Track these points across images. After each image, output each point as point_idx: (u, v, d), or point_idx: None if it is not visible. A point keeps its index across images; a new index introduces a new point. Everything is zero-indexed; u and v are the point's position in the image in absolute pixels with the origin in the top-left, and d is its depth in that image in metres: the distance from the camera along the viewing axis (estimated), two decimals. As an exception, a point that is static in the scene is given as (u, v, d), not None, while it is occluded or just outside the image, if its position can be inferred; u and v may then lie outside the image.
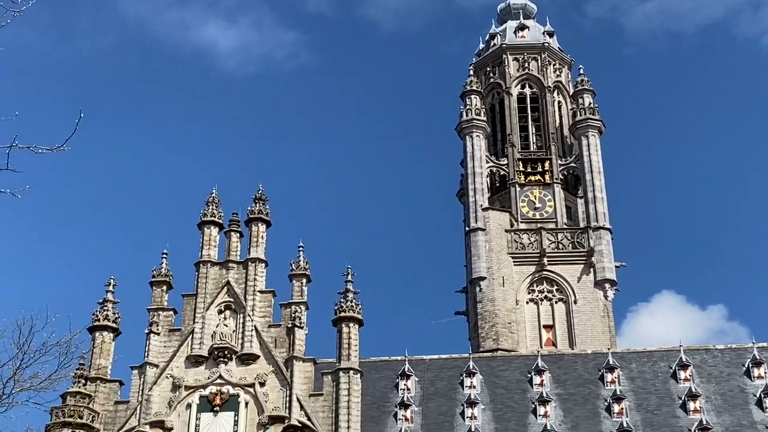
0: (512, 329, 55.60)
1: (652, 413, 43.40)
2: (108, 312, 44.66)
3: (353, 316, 44.01)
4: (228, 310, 45.05)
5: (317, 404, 42.36)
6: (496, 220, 59.00)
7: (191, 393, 42.95)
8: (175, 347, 44.08)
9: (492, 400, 44.55)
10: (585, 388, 44.93)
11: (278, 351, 43.74)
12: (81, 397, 41.47)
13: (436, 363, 46.86)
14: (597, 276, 56.97)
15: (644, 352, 47.39)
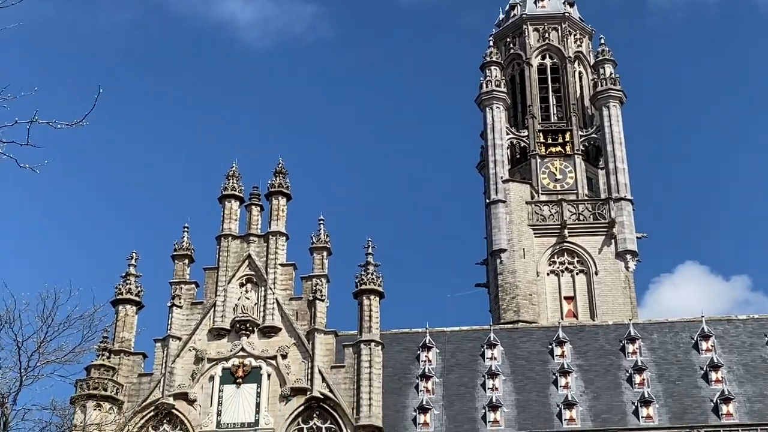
0: (533, 301, 55.60)
1: (673, 384, 43.39)
2: (131, 285, 45.03)
3: (374, 289, 44.17)
4: (249, 283, 45.34)
5: (339, 376, 42.63)
6: (516, 192, 58.85)
7: (214, 365, 43.33)
8: (197, 320, 44.45)
9: (513, 372, 44.66)
10: (606, 359, 44.95)
11: (300, 323, 44.01)
12: (105, 369, 41.92)
13: (457, 335, 46.98)
14: (618, 247, 56.77)
15: (666, 323, 47.31)
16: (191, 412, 42.32)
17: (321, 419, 42.13)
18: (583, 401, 42.69)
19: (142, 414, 42.24)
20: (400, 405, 43.15)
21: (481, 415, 42.40)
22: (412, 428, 41.96)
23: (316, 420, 42.15)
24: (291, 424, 41.93)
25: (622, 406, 42.36)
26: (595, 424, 41.23)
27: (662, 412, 41.82)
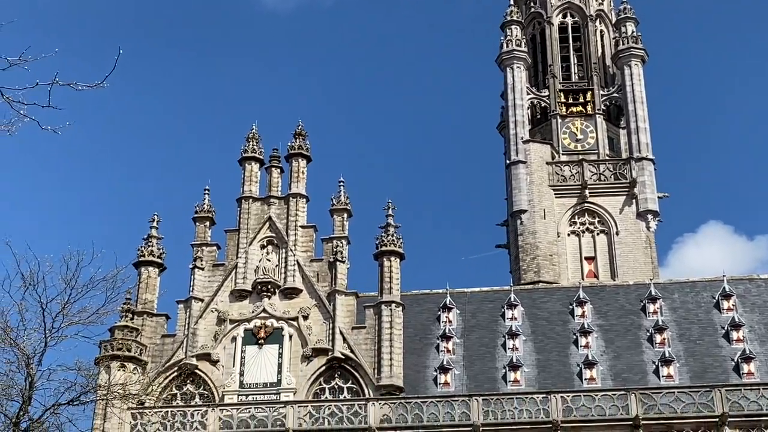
0: (553, 261, 55.55)
1: (694, 343, 43.39)
2: (153, 247, 45.37)
3: (394, 250, 44.30)
4: (270, 245, 45.58)
5: (360, 337, 42.92)
6: (537, 152, 58.60)
7: (236, 326, 43.73)
8: (219, 282, 44.79)
9: (533, 332, 44.77)
10: (627, 319, 44.96)
11: (320, 285, 44.26)
12: (128, 330, 42.39)
13: (478, 295, 47.09)
14: (639, 207, 56.51)
15: (687, 283, 47.18)
16: (214, 372, 42.80)
17: (342, 379, 42.51)
18: (604, 361, 42.79)
19: (165, 374, 42.78)
20: (420, 365, 43.42)
21: (502, 374, 42.61)
22: (432, 388, 42.25)
23: (338, 380, 42.54)
24: (313, 384, 42.35)
25: (643, 366, 42.43)
26: (615, 383, 41.34)
27: (683, 371, 41.87)
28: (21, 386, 28.72)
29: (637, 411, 38.74)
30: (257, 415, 40.67)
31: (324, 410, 40.55)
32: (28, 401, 28.61)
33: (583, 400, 39.61)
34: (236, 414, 40.78)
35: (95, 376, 34.46)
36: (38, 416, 28.78)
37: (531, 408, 39.59)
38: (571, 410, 39.30)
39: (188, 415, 40.95)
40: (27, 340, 28.98)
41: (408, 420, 39.82)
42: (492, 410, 39.68)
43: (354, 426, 39.95)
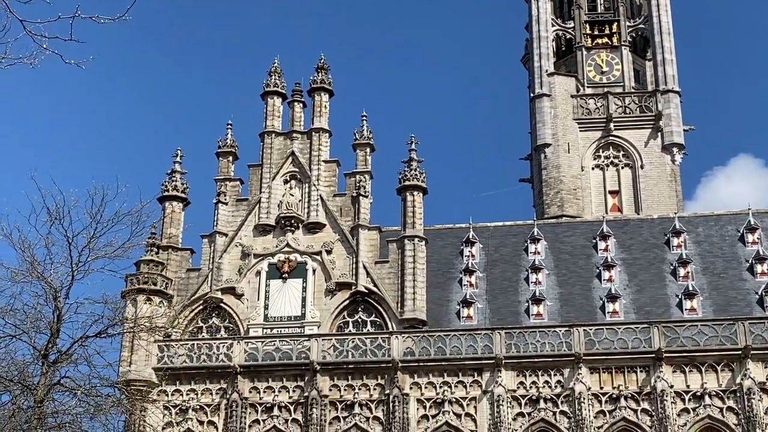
0: (577, 195, 55.32)
1: (718, 276, 43.27)
2: (176, 182, 45.56)
3: (417, 185, 44.25)
4: (293, 180, 45.64)
5: (383, 271, 43.13)
6: (561, 85, 57.98)
7: (260, 261, 44.05)
8: (242, 216, 45.00)
9: (556, 266, 44.79)
10: (650, 253, 44.83)
11: (344, 220, 44.38)
12: (154, 264, 42.79)
13: (501, 230, 47.06)
14: (665, 140, 55.98)
15: (711, 216, 46.87)
16: (239, 305, 43.25)
17: (366, 313, 42.85)
18: (627, 294, 42.82)
19: (191, 308, 43.28)
20: (443, 299, 43.64)
21: (524, 308, 42.77)
22: (455, 321, 42.51)
23: (361, 314, 42.88)
24: (336, 318, 42.72)
25: (666, 299, 42.43)
26: (638, 316, 41.41)
27: (706, 304, 41.85)
28: (49, 319, 29.22)
29: (660, 344, 38.85)
30: (282, 348, 41.15)
31: (348, 343, 40.95)
32: (56, 334, 29.11)
33: (606, 333, 39.74)
34: (261, 347, 41.28)
35: (122, 309, 34.92)
36: (66, 348, 29.35)
37: (553, 341, 39.80)
38: (593, 343, 39.48)
39: (214, 348, 41.52)
40: (54, 274, 29.44)
41: (431, 353, 40.16)
42: (514, 343, 39.93)
43: (377, 359, 40.35)
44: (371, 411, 39.95)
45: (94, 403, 29.58)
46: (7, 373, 28.59)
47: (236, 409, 40.17)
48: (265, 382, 40.91)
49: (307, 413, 39.80)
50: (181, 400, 40.98)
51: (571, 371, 39.22)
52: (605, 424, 38.43)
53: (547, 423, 38.79)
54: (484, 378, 39.74)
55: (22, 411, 28.42)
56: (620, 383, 39.02)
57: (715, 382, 38.55)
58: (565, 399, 38.93)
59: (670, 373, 38.72)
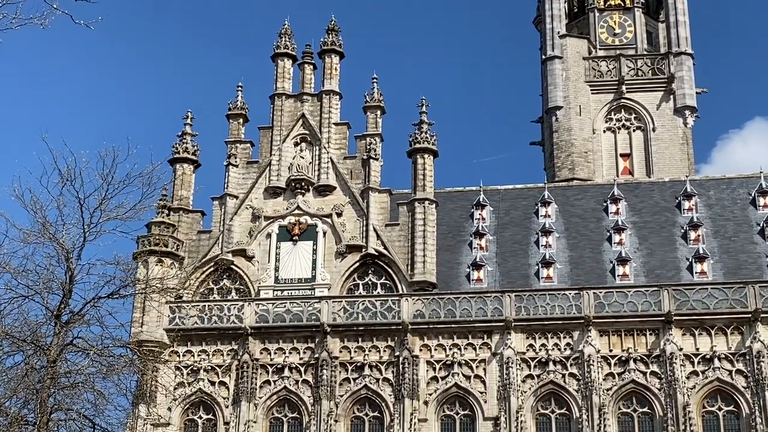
0: (588, 158, 55.11)
1: (729, 240, 43.18)
2: (187, 144, 45.59)
3: (428, 147, 44.17)
4: (304, 143, 45.61)
5: (393, 234, 43.19)
6: (573, 47, 57.52)
7: (270, 223, 44.16)
8: (253, 179, 45.05)
9: (567, 229, 44.76)
10: (661, 216, 44.74)
11: (354, 182, 44.38)
12: (165, 226, 42.96)
13: (511, 193, 47.00)
14: (677, 103, 55.59)
15: (723, 179, 46.68)
16: (250, 267, 43.43)
17: (376, 275, 42.98)
18: (637, 257, 42.80)
19: (202, 269, 43.48)
20: (453, 262, 43.72)
21: (534, 271, 42.82)
22: (465, 284, 42.61)
23: (371, 276, 43.01)
24: (347, 280, 42.87)
25: (676, 262, 42.41)
26: (648, 279, 41.43)
27: (716, 267, 41.81)
28: (61, 280, 29.37)
29: (670, 307, 38.91)
30: (292, 310, 41.38)
31: (358, 305, 41.14)
32: (68, 294, 29.29)
33: (616, 296, 39.81)
34: (272, 308, 41.51)
35: (133, 270, 35.05)
36: (79, 309, 29.53)
37: (563, 304, 39.90)
38: (603, 306, 39.56)
39: (225, 309, 41.78)
40: (66, 235, 29.54)
41: (441, 315, 40.33)
42: (524, 306, 40.04)
43: (387, 321, 40.55)
44: (381, 372, 40.22)
45: (106, 363, 29.81)
46: (20, 333, 28.80)
47: (247, 369, 40.50)
48: (275, 344, 41.20)
49: (318, 374, 40.10)
50: (192, 360, 41.34)
51: (581, 334, 39.35)
52: (614, 386, 38.61)
53: (556, 385, 39.00)
54: (493, 340, 39.91)
55: (35, 371, 28.67)
56: (629, 346, 39.15)
57: (724, 345, 38.64)
58: (574, 361, 39.11)
59: (680, 336, 38.81)
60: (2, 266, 28.81)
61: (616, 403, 38.57)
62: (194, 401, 41.07)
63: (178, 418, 40.80)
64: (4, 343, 28.89)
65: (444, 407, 39.63)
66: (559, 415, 38.84)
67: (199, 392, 40.98)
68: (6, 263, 28.86)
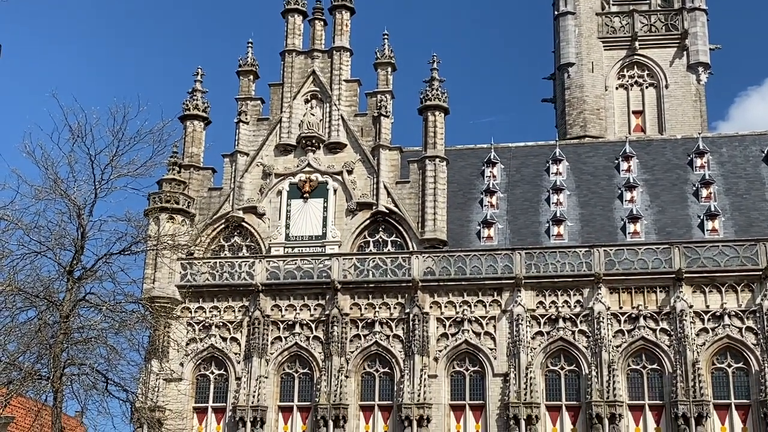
0: (600, 116, 54.80)
1: (741, 197, 43.01)
2: (197, 101, 45.50)
3: (439, 104, 43.98)
4: (314, 100, 45.46)
5: (404, 191, 43.17)
6: (586, 2, 56.89)
7: (281, 180, 44.18)
8: (263, 136, 45.00)
9: (578, 187, 44.64)
10: (673, 174, 44.55)
11: (365, 140, 44.28)
12: (176, 183, 43.03)
13: (522, 150, 46.84)
14: (690, 59, 55.08)
15: (735, 137, 46.40)
16: (260, 225, 43.54)
17: (386, 233, 43.04)
18: (648, 215, 42.70)
19: (213, 227, 43.62)
20: (464, 219, 43.72)
21: (545, 228, 42.79)
22: (476, 242, 42.64)
23: (382, 234, 43.07)
24: (357, 238, 42.95)
25: (688, 220, 42.30)
26: (659, 237, 41.36)
27: (728, 225, 41.69)
28: (73, 236, 29.54)
29: (680, 264, 38.88)
30: (303, 267, 41.52)
31: (368, 263, 41.25)
32: (80, 251, 29.47)
33: (626, 253, 39.76)
34: (282, 265, 41.66)
35: (145, 227, 35.20)
36: (91, 265, 29.73)
37: (573, 261, 39.89)
38: (613, 264, 39.54)
39: (236, 266, 41.95)
40: (77, 192, 29.67)
41: (451, 273, 40.41)
42: (535, 263, 40.07)
43: (398, 278, 40.67)
44: (391, 329, 40.43)
45: (119, 319, 30.06)
46: (32, 289, 29.03)
47: (258, 326, 40.77)
48: (286, 300, 41.41)
49: (328, 331, 40.34)
50: (204, 316, 41.62)
51: (591, 291, 39.40)
52: (624, 343, 38.73)
53: (566, 342, 39.14)
54: (503, 297, 40.02)
55: (48, 326, 28.94)
56: (639, 303, 39.19)
57: (734, 302, 38.64)
58: (584, 318, 39.20)
59: (690, 293, 38.81)
60: (15, 222, 28.98)
61: (626, 359, 38.71)
62: (206, 357, 41.41)
63: (190, 373, 41.18)
64: (17, 299, 29.15)
65: (454, 363, 39.85)
66: (569, 372, 39.02)
67: (210, 348, 41.31)
68: (18, 219, 29.03)
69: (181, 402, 39.66)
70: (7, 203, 28.64)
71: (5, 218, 28.76)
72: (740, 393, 37.91)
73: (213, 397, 41.06)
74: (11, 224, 29.00)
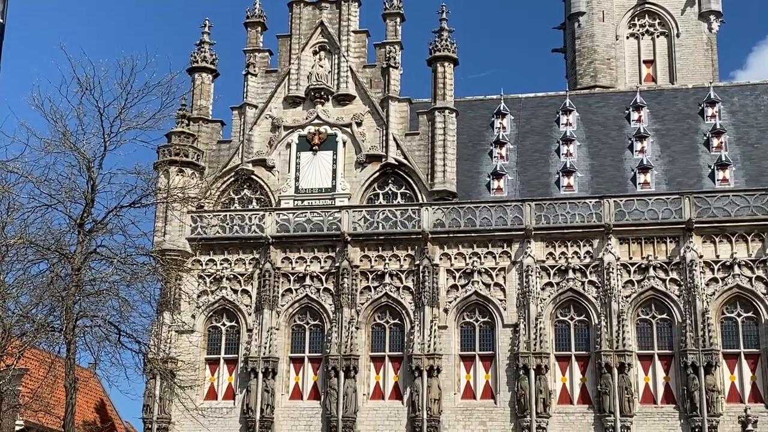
0: (611, 65, 54.34)
1: (752, 147, 42.75)
2: (205, 53, 45.28)
3: (448, 56, 43.67)
4: (323, 51, 45.18)
5: (413, 143, 43.05)
6: (596, -50, 56.14)
7: (290, 133, 44.09)
8: (272, 88, 44.82)
9: (588, 137, 44.43)
10: (684, 123, 44.26)
11: (373, 91, 44.07)
12: (185, 136, 42.99)
13: (532, 101, 46.57)
14: (702, 8, 54.43)
15: (747, 86, 46.01)
16: (270, 177, 43.55)
17: (396, 185, 43.01)
18: (659, 165, 42.52)
19: (223, 179, 43.64)
20: (474, 171, 43.62)
21: (555, 180, 42.68)
22: (485, 193, 42.58)
23: (392, 186, 43.05)
24: (367, 190, 42.94)
25: (698, 170, 42.12)
26: (669, 187, 41.21)
27: (738, 175, 41.50)
28: (83, 189, 29.57)
29: (690, 214, 38.78)
30: (313, 219, 41.58)
31: (378, 215, 41.26)
32: (91, 203, 29.52)
33: (636, 204, 39.66)
34: (292, 218, 41.74)
35: (154, 180, 35.21)
36: (102, 218, 29.80)
37: (583, 212, 39.83)
38: (623, 214, 39.46)
39: (246, 219, 42.04)
40: (87, 144, 29.62)
41: (461, 224, 40.41)
42: (544, 215, 40.02)
43: (407, 230, 40.71)
44: (401, 281, 40.56)
45: (130, 272, 30.16)
46: (44, 242, 29.13)
47: (269, 278, 40.94)
48: (296, 253, 41.53)
49: (339, 283, 40.50)
50: (215, 269, 41.80)
51: (601, 242, 39.38)
52: (633, 294, 38.78)
53: (575, 292, 39.22)
54: (513, 249, 40.04)
55: (60, 278, 29.07)
56: (649, 253, 39.16)
57: (744, 252, 38.56)
58: (593, 269, 39.23)
59: (700, 243, 38.75)
60: (25, 176, 28.99)
61: (635, 310, 38.79)
62: (217, 309, 41.67)
63: (201, 324, 41.48)
64: (29, 252, 29.28)
65: (464, 314, 40.02)
66: (578, 322, 39.16)
67: (222, 300, 41.54)
68: (28, 173, 29.01)
69: (193, 353, 40.02)
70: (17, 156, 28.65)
71: (15, 171, 28.77)
72: (749, 342, 38.01)
73: (225, 349, 41.39)
74: (21, 178, 29.02)
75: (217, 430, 39.45)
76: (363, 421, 39.16)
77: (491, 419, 38.44)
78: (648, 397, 38.03)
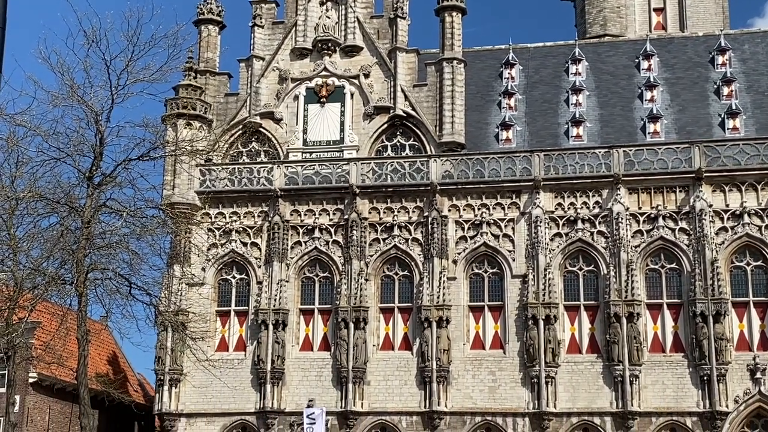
0: (621, 14, 53.74)
1: (762, 95, 42.38)
2: (212, 5, 44.96)
3: (456, 5, 43.28)
4: (329, 2, 44.79)
5: (421, 94, 42.83)
6: None
7: (298, 85, 43.89)
8: (279, 40, 44.54)
9: (597, 86, 44.10)
10: (694, 72, 43.87)
11: (381, 42, 43.76)
12: (192, 89, 42.83)
13: (541, 51, 46.15)
14: (713, -47, 53.79)
15: (758, 33, 45.50)
16: (278, 130, 43.44)
17: (404, 137, 42.87)
18: (668, 114, 42.24)
19: (230, 132, 43.56)
20: (482, 122, 43.41)
21: (564, 130, 42.47)
22: (494, 144, 42.42)
23: (400, 137, 42.92)
24: (375, 142, 42.83)
25: (708, 119, 41.83)
26: (679, 136, 40.98)
27: (749, 123, 41.21)
28: (92, 142, 29.55)
29: (700, 163, 38.61)
30: (321, 172, 41.54)
31: (386, 167, 41.19)
32: (99, 157, 29.52)
33: (646, 153, 39.48)
34: (301, 171, 41.70)
35: (162, 133, 35.12)
36: (110, 171, 29.81)
37: (593, 162, 39.68)
38: (633, 164, 39.31)
39: (254, 172, 42.03)
40: (94, 98, 29.53)
41: (469, 175, 40.33)
42: (553, 165, 39.89)
43: (416, 182, 40.66)
44: (410, 233, 40.60)
45: (139, 224, 30.25)
46: (53, 195, 29.20)
47: (278, 231, 41.03)
48: (305, 205, 41.57)
49: (348, 235, 40.57)
50: (224, 222, 41.89)
51: (610, 192, 39.28)
52: (642, 243, 38.76)
53: (584, 243, 39.22)
54: (522, 200, 39.99)
55: (70, 232, 29.19)
56: (659, 203, 39.07)
57: (754, 200, 38.44)
58: (602, 219, 39.19)
59: (710, 192, 38.62)
60: (33, 129, 28.98)
61: (644, 259, 38.79)
62: (227, 261, 41.82)
63: (212, 277, 41.66)
64: (39, 205, 29.37)
65: (473, 266, 40.10)
66: (587, 272, 39.21)
67: (231, 253, 41.67)
68: (36, 126, 29.01)
69: (203, 306, 40.25)
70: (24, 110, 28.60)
71: (23, 125, 28.77)
72: (758, 291, 38.04)
73: (235, 301, 41.62)
74: (30, 131, 29.04)
75: (229, 380, 39.80)
76: (373, 371, 39.47)
77: (500, 369, 38.68)
78: (657, 346, 38.17)
